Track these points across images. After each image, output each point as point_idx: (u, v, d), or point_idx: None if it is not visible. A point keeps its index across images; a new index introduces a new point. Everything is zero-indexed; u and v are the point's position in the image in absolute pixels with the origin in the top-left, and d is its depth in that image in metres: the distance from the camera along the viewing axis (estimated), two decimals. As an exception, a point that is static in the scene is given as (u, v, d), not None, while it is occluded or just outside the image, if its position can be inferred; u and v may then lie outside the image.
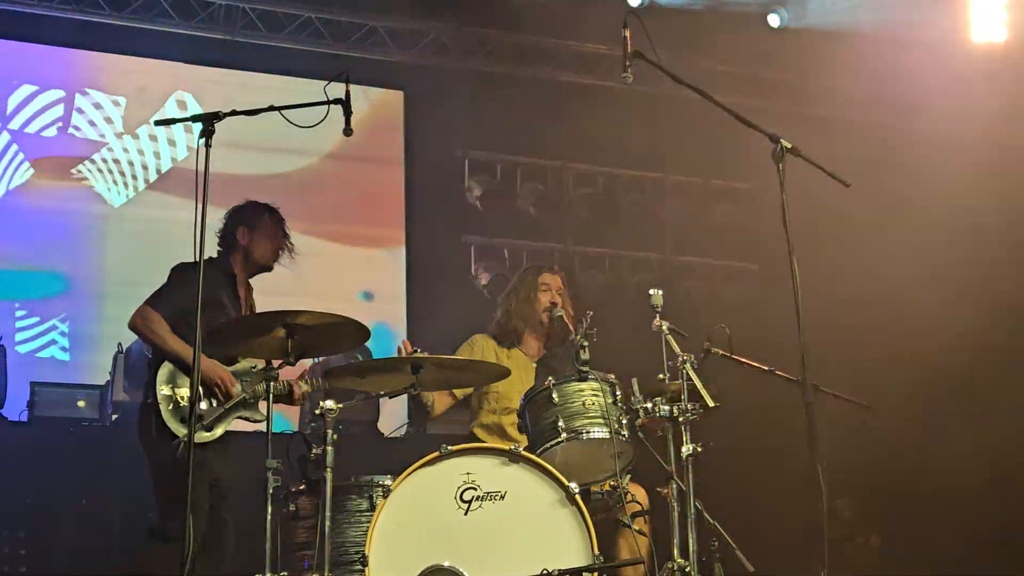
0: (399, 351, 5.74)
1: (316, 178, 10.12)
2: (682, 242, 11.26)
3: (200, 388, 5.65)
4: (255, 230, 6.10)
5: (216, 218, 5.87)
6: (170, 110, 9.62)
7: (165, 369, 5.71)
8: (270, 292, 6.30)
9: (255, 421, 5.83)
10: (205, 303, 5.38)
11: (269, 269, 6.19)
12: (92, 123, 9.54)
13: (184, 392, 5.67)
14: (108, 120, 9.60)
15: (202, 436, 5.63)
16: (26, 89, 9.38)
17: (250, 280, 6.20)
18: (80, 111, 9.52)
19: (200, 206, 4.56)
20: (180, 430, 5.56)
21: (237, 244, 6.09)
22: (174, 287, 5.81)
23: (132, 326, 5.85)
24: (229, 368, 5.81)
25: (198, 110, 8.45)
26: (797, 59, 10.55)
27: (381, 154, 10.48)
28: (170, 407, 5.65)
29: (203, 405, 5.70)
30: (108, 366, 8.49)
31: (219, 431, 5.75)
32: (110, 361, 8.48)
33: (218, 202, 5.11)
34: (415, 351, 5.44)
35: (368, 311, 9.56)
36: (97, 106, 9.58)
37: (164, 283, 5.88)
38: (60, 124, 9.42)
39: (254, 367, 5.83)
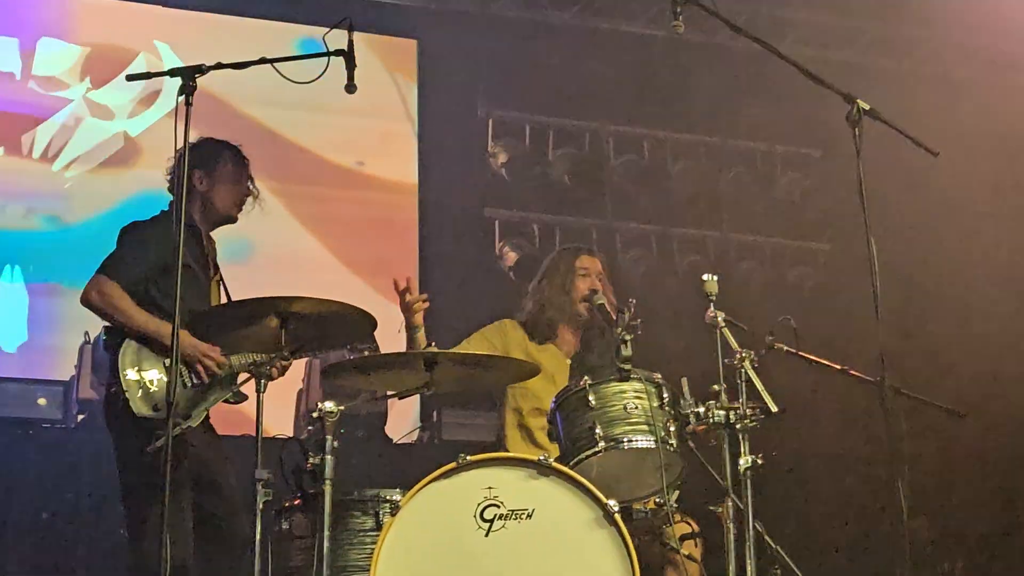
0: (395, 286, 5.70)
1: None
2: (741, 218, 11.23)
3: (183, 369, 5.63)
4: (214, 174, 5.97)
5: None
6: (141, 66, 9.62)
7: (129, 349, 5.61)
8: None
9: (233, 401, 5.76)
10: (168, 266, 5.36)
11: (233, 220, 6.08)
12: (49, 78, 9.56)
13: (153, 375, 5.56)
14: (69, 73, 9.62)
15: (178, 426, 5.62)
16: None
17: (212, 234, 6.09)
18: (37, 62, 9.56)
19: (180, 172, 4.56)
20: (154, 418, 5.46)
21: (194, 191, 5.90)
22: (129, 251, 5.71)
23: (86, 301, 5.71)
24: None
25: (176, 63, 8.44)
26: (881, 3, 10.48)
27: (390, 113, 10.47)
28: (139, 394, 5.53)
29: (155, 386, 5.58)
30: (72, 358, 8.53)
31: (197, 417, 5.67)
32: (75, 352, 8.53)
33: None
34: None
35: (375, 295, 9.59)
36: (56, 57, 9.60)
37: (116, 248, 5.75)
38: (13, 76, 9.46)
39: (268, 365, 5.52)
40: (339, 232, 10.07)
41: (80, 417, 8.32)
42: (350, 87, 5.02)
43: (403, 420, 9.15)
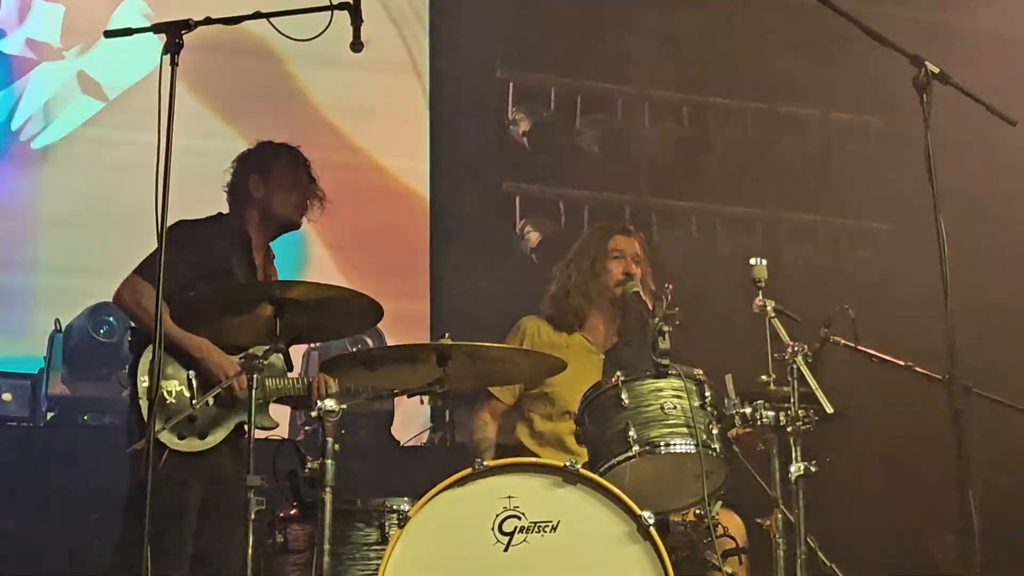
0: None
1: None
2: (793, 194, 11.22)
3: (194, 380, 5.81)
4: (271, 179, 6.18)
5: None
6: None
7: (148, 355, 5.77)
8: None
9: (263, 428, 5.89)
10: (212, 272, 5.81)
11: (296, 226, 6.31)
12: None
13: (172, 385, 5.75)
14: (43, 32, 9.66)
15: (193, 444, 5.70)
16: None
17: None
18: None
19: (164, 141, 4.56)
20: (164, 434, 5.62)
21: (251, 198, 6.18)
22: (169, 252, 5.81)
23: (118, 300, 5.94)
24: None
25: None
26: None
27: (400, 75, 10.48)
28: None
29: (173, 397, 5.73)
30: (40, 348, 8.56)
31: (216, 437, 5.84)
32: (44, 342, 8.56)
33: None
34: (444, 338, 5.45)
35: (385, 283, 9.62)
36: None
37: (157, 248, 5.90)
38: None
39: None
40: (338, 208, 10.06)
41: (49, 415, 8.33)
42: (356, 45, 5.01)
43: (412, 419, 9.17)
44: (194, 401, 5.77)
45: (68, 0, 9.72)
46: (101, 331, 8.47)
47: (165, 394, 5.73)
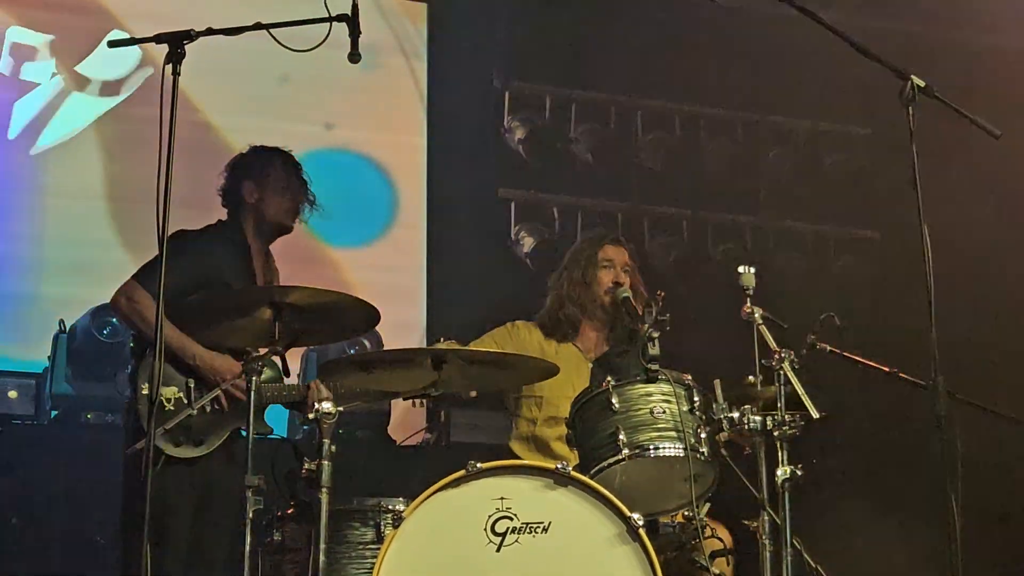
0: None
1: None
2: (781, 202, 11.22)
3: (192, 387, 5.83)
4: (265, 184, 6.17)
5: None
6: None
7: (148, 361, 5.77)
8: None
9: (258, 433, 5.86)
10: (207, 280, 5.81)
11: (288, 230, 6.28)
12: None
13: (171, 392, 5.77)
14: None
15: (188, 451, 5.70)
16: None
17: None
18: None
19: (165, 153, 4.55)
20: (161, 440, 5.61)
21: (244, 204, 6.17)
22: (168, 260, 5.82)
23: (115, 306, 5.96)
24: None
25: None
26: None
27: (397, 84, 10.47)
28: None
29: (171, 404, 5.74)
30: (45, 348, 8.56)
31: (211, 444, 5.84)
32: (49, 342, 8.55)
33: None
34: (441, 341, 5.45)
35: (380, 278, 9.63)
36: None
37: (156, 256, 5.90)
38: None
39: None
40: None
41: (54, 413, 8.34)
42: (354, 56, 5.02)
43: (407, 420, 9.16)
44: (192, 404, 5.75)
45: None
46: (104, 332, 8.46)
47: (164, 400, 5.72)
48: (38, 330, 8.76)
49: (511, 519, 4.94)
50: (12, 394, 8.27)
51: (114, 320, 8.27)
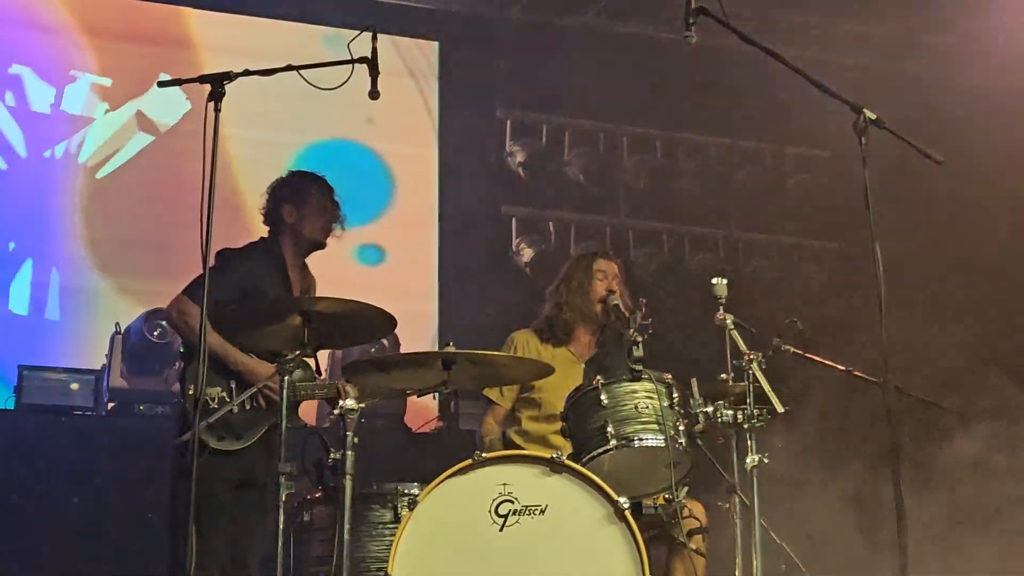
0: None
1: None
2: (750, 217, 11.22)
3: (234, 388, 5.82)
4: (303, 206, 6.15)
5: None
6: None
7: (195, 365, 5.74)
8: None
9: (292, 427, 5.85)
10: (246, 292, 5.81)
11: (322, 246, 6.24)
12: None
13: (215, 392, 5.77)
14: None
15: (231, 444, 5.70)
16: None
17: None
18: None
19: (207, 181, 4.56)
20: (205, 434, 5.58)
21: (284, 224, 6.14)
22: (214, 276, 5.84)
23: (167, 317, 6.06)
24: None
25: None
26: (906, 7, 10.36)
27: (411, 114, 10.47)
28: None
29: (215, 403, 5.75)
30: (103, 346, 8.56)
31: (251, 438, 5.82)
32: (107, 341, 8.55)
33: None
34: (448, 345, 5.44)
35: (393, 287, 9.62)
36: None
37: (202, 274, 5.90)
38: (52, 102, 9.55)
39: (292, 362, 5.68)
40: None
41: (111, 405, 8.34)
42: (373, 93, 5.06)
43: (422, 410, 9.15)
44: (234, 403, 5.76)
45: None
46: (155, 333, 8.48)
47: (208, 400, 5.71)
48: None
49: (512, 502, 4.94)
50: (74, 386, 8.27)
51: (163, 323, 8.27)
